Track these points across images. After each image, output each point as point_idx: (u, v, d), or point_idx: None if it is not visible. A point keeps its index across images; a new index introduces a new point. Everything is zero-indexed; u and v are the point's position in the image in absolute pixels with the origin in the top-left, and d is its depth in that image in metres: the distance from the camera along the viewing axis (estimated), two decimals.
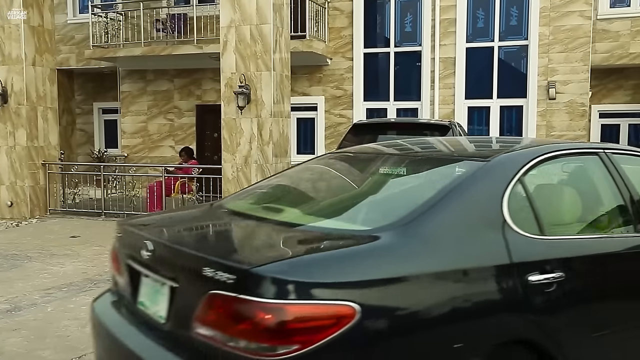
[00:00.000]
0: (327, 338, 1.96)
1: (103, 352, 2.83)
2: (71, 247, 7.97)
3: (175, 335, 2.36)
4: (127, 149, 14.75)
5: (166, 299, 2.44)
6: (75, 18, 15.24)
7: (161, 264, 2.52)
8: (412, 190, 2.88)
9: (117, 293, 2.97)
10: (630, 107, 13.17)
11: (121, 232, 3.02)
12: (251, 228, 2.78)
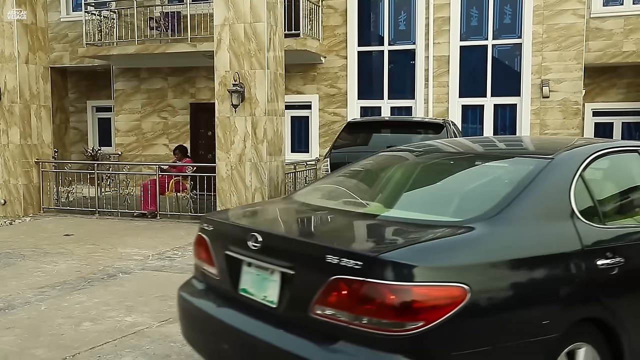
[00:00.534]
0: (446, 315, 2.24)
1: (203, 335, 3.11)
2: (65, 246, 7.95)
3: (288, 317, 2.61)
4: (120, 147, 14.71)
5: (277, 286, 2.68)
6: (68, 16, 15.19)
7: (271, 253, 2.73)
8: (489, 185, 3.18)
9: (205, 281, 3.24)
10: (624, 105, 13.25)
11: (214, 225, 3.23)
12: (351, 221, 3.07)
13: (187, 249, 7.81)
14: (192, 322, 3.26)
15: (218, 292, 3.10)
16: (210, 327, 3.02)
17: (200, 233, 3.29)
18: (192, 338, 3.28)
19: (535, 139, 5.96)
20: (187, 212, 10.48)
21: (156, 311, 5.09)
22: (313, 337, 2.46)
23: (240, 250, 2.90)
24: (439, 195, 3.25)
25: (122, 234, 8.85)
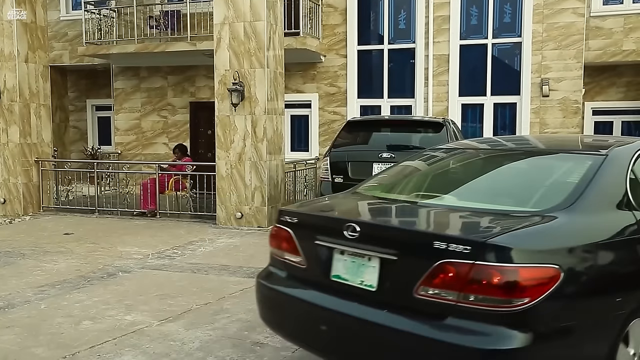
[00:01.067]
0: (545, 293, 2.53)
1: (291, 318, 3.38)
2: (64, 245, 7.95)
3: (389, 299, 2.88)
4: (120, 146, 14.71)
5: (376, 271, 2.92)
6: (68, 15, 15.17)
7: (370, 241, 2.96)
8: (556, 178, 3.52)
9: (287, 270, 3.49)
10: (623, 104, 13.24)
11: (299, 217, 3.46)
12: (439, 212, 3.35)
13: (187, 247, 7.81)
14: (276, 306, 3.53)
15: (305, 278, 3.35)
16: (301, 311, 3.29)
17: (280, 225, 3.53)
18: (275, 321, 3.57)
19: (570, 137, 6.62)
20: (186, 211, 10.48)
21: (156, 310, 5.10)
22: (418, 316, 2.73)
23: (332, 240, 3.14)
24: (511, 188, 3.56)
25: (121, 233, 8.85)
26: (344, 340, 3.04)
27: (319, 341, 3.21)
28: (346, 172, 7.57)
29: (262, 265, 6.70)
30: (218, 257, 7.28)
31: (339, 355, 3.14)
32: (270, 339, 4.39)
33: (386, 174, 4.27)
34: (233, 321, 4.80)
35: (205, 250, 7.70)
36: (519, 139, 4.84)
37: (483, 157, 4.15)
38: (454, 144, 4.63)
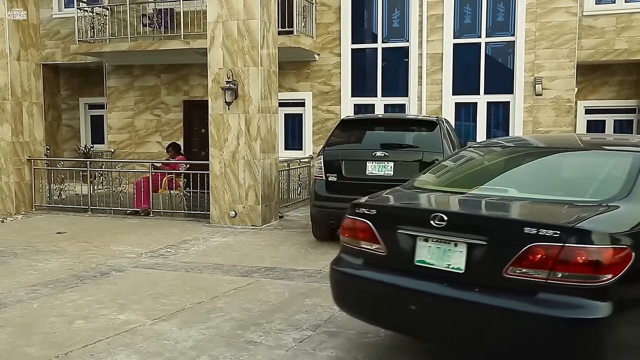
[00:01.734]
0: (623, 270, 2.92)
1: (372, 300, 3.69)
2: (57, 244, 7.92)
3: (477, 279, 3.24)
4: (113, 144, 14.66)
5: (463, 255, 3.28)
6: (60, 12, 15.09)
7: (457, 229, 3.32)
8: (605, 172, 3.89)
9: (364, 257, 3.78)
10: (616, 103, 13.31)
11: (378, 209, 3.78)
12: (514, 202, 3.65)
13: (181, 246, 7.80)
14: (353, 290, 3.85)
15: (385, 264, 3.67)
16: (384, 293, 3.61)
17: (356, 217, 3.82)
18: (351, 303, 3.92)
19: (605, 136, 7.28)
20: (180, 209, 10.46)
21: (149, 309, 5.08)
22: (509, 293, 3.08)
23: (416, 229, 3.50)
24: (564, 181, 3.99)
25: (114, 232, 8.82)
26: (433, 317, 3.40)
27: (405, 320, 3.54)
28: (340, 170, 7.57)
29: (256, 264, 6.74)
30: (212, 256, 7.27)
31: (427, 331, 3.51)
32: (263, 338, 4.39)
33: (435, 171, 4.61)
34: (226, 320, 4.80)
35: (198, 249, 7.69)
36: (571, 137, 5.34)
37: (527, 153, 4.56)
38: (489, 142, 5.08)
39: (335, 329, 4.58)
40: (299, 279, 6.11)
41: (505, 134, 12.13)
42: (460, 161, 4.67)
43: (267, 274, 6.32)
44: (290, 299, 5.41)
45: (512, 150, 4.67)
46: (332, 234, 8.10)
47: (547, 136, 7.70)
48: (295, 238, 8.36)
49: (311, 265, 6.70)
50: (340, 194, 7.51)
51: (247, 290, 5.69)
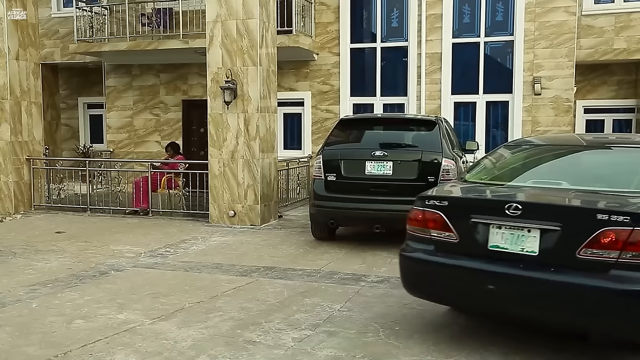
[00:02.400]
0: None
1: (450, 282, 4.10)
2: (56, 243, 7.92)
3: (550, 260, 3.71)
4: (112, 144, 14.64)
5: (536, 240, 3.75)
6: (59, 12, 15.07)
7: (531, 216, 3.78)
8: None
9: (434, 244, 4.18)
10: (615, 102, 13.31)
11: (450, 201, 4.23)
12: (574, 193, 4.06)
13: (180, 246, 7.79)
14: (425, 274, 4.27)
15: (457, 250, 4.08)
16: (461, 275, 4.03)
17: (426, 209, 4.24)
18: (424, 287, 4.35)
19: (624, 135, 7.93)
20: (179, 209, 10.46)
21: (148, 308, 5.08)
22: (582, 271, 3.57)
23: (490, 217, 3.94)
24: (607, 174, 4.38)
25: (114, 232, 8.82)
26: (510, 295, 3.83)
27: (482, 299, 3.96)
28: (339, 170, 7.57)
29: (255, 263, 6.74)
30: (211, 255, 7.27)
31: (503, 308, 3.95)
32: (262, 337, 4.39)
33: (482, 168, 4.98)
34: (225, 319, 4.80)
35: (198, 248, 7.69)
36: (602, 135, 6.12)
37: (564, 150, 5.06)
38: (523, 140, 5.68)
39: (334, 329, 4.59)
40: (298, 279, 6.12)
41: (505, 134, 12.14)
42: (502, 159, 5.11)
43: (266, 274, 6.32)
44: (289, 298, 5.41)
45: (549, 148, 5.21)
46: (331, 233, 8.11)
47: (575, 135, 8.44)
48: (294, 237, 8.36)
49: (310, 265, 6.71)
50: (339, 193, 7.52)
51: (246, 290, 5.69)
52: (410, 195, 7.32)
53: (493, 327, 4.63)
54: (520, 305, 3.83)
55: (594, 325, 3.66)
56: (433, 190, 4.57)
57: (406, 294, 5.48)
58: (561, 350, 4.16)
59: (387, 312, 5.01)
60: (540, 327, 4.34)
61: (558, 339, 4.30)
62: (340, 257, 7.16)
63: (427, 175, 7.27)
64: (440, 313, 4.96)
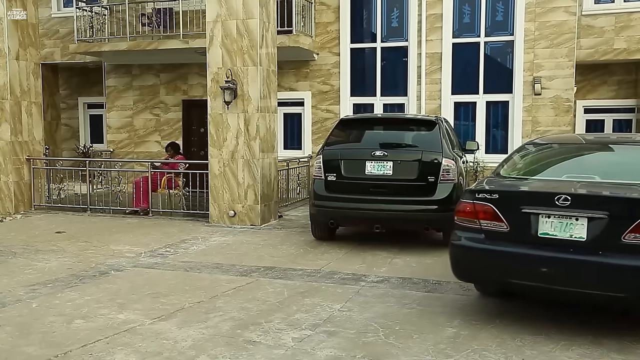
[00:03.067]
0: None
1: (503, 267, 4.55)
2: (56, 243, 7.92)
3: (598, 245, 4.19)
4: (112, 144, 14.65)
5: (584, 227, 4.23)
6: (59, 12, 15.07)
7: (580, 206, 4.27)
8: None
9: (484, 233, 4.62)
10: (615, 102, 13.31)
11: (500, 194, 4.63)
12: (611, 185, 4.56)
13: (180, 246, 7.80)
14: (479, 260, 4.70)
15: (508, 238, 4.52)
16: (514, 260, 4.50)
17: (476, 201, 4.68)
18: (475, 272, 4.83)
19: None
20: (179, 209, 10.46)
21: (148, 308, 5.08)
22: (627, 253, 4.10)
23: (539, 208, 4.40)
24: (636, 169, 4.82)
25: (114, 231, 8.82)
26: (562, 276, 4.29)
27: (534, 281, 4.42)
28: (339, 170, 7.57)
29: (255, 263, 6.74)
30: (211, 255, 7.27)
31: (554, 289, 4.40)
32: (262, 337, 4.39)
33: (513, 164, 5.38)
34: (226, 319, 4.80)
35: (198, 248, 7.69)
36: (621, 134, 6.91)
37: (588, 148, 5.70)
38: (548, 139, 6.29)
39: (334, 329, 4.59)
40: (298, 279, 6.12)
41: (505, 134, 12.14)
42: (529, 156, 5.57)
43: (267, 274, 6.32)
44: (289, 298, 5.41)
45: (572, 146, 5.82)
46: (332, 233, 8.11)
47: (594, 134, 9.51)
48: (295, 237, 8.36)
49: (310, 265, 6.71)
50: (339, 193, 7.52)
51: (246, 290, 5.69)
52: (410, 195, 7.41)
53: (492, 328, 4.63)
54: (570, 284, 4.31)
55: (636, 299, 4.22)
56: (480, 184, 5.03)
57: (406, 293, 5.48)
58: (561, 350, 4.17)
59: (387, 312, 5.01)
60: (585, 303, 4.88)
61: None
62: (340, 257, 7.16)
63: (427, 175, 7.27)
64: (440, 313, 4.97)
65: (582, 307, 4.99)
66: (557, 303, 5.08)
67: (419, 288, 5.76)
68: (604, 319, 4.81)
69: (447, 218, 7.31)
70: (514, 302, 5.25)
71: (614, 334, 4.46)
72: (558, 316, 4.87)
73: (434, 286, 5.84)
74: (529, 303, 5.22)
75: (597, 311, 4.92)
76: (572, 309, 5.00)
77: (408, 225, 7.75)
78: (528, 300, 5.29)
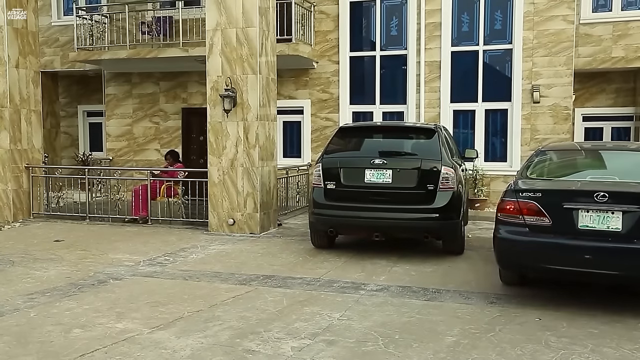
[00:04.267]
0: None
1: (548, 256, 5.27)
2: (55, 252, 7.90)
3: (633, 234, 5.00)
4: (112, 152, 14.65)
5: (619, 219, 5.03)
6: (59, 20, 15.12)
7: (617, 201, 5.04)
8: None
9: (528, 227, 5.35)
10: (613, 110, 13.33)
11: (542, 193, 5.42)
12: (634, 184, 5.40)
13: (179, 254, 7.78)
14: (523, 250, 5.38)
15: (550, 230, 5.27)
16: (557, 249, 5.22)
17: (519, 199, 5.40)
18: (519, 261, 5.54)
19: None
20: (178, 217, 10.45)
21: (147, 317, 5.06)
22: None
23: (579, 203, 5.17)
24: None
25: (113, 240, 8.80)
26: (603, 262, 5.07)
27: (578, 267, 5.14)
28: (338, 178, 7.57)
29: (255, 272, 6.73)
30: (210, 263, 7.25)
31: (594, 273, 5.15)
32: (262, 347, 4.37)
33: (535, 166, 6.18)
34: (225, 328, 4.78)
35: (197, 257, 7.67)
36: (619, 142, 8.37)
37: (600, 152, 6.61)
38: (564, 145, 8.02)
39: (333, 338, 4.57)
40: (297, 287, 6.10)
41: (504, 142, 12.16)
42: (548, 160, 6.38)
43: (266, 282, 6.31)
44: (288, 307, 5.39)
45: (585, 151, 6.74)
46: (331, 241, 8.10)
47: (595, 142, 10.80)
48: (294, 246, 8.34)
49: (310, 273, 6.69)
50: (338, 201, 7.51)
51: (246, 299, 5.67)
52: (409, 203, 7.40)
53: (492, 336, 4.62)
54: (608, 268, 5.09)
55: None
56: (519, 184, 5.70)
57: (405, 302, 5.48)
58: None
59: (386, 320, 5.00)
60: (623, 286, 5.75)
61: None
62: (340, 265, 7.14)
63: (426, 184, 7.27)
64: (439, 322, 4.95)
65: (588, 302, 5.08)
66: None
67: (418, 297, 5.75)
68: (606, 319, 4.80)
69: (447, 226, 7.38)
70: (513, 311, 5.24)
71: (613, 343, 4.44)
72: (557, 325, 4.86)
73: (433, 295, 5.82)
74: (529, 311, 5.22)
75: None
76: (569, 314, 4.99)
77: (407, 233, 7.74)
78: (528, 309, 5.29)
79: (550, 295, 5.78)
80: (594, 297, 5.67)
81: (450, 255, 7.62)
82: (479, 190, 11.76)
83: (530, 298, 5.68)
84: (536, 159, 6.38)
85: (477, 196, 11.69)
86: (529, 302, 5.55)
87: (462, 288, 6.06)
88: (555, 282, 6.14)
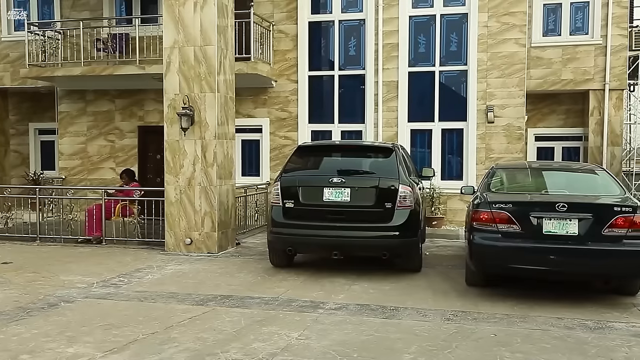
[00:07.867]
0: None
1: (520, 256, 6.20)
2: (2, 274, 7.58)
3: (586, 237, 6.01)
4: (65, 170, 14.26)
5: (575, 225, 6.02)
6: (10, 35, 14.71)
7: (573, 210, 6.03)
8: (604, 182, 7.05)
9: (501, 233, 6.23)
10: (563, 130, 13.81)
11: (513, 204, 6.34)
12: (581, 197, 6.64)
13: (134, 275, 7.59)
14: (496, 253, 6.23)
15: (519, 236, 6.18)
16: (528, 251, 6.12)
17: (494, 209, 6.29)
18: (493, 263, 6.36)
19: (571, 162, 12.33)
20: (134, 237, 10.22)
21: (100, 341, 4.90)
22: (607, 242, 5.98)
23: (543, 212, 6.15)
24: (590, 186, 7.11)
25: (65, 261, 8.53)
26: (564, 261, 6.06)
27: (544, 265, 6.09)
28: (297, 196, 7.55)
29: (212, 292, 6.62)
30: (166, 284, 7.09)
31: (558, 270, 6.13)
32: None
33: (496, 183, 7.29)
34: (181, 350, 4.67)
35: (152, 277, 7.50)
36: (565, 162, 11.05)
37: (549, 170, 7.99)
38: (517, 164, 9.50)
39: (292, 357, 4.51)
40: (255, 307, 6.02)
41: (460, 160, 12.39)
42: (505, 177, 7.61)
43: (223, 302, 6.20)
44: (246, 327, 5.31)
45: (535, 169, 8.10)
46: (290, 260, 8.05)
47: (549, 162, 12.61)
48: (252, 265, 8.26)
49: (268, 293, 6.62)
50: (297, 220, 7.49)
51: (203, 319, 5.56)
52: (367, 221, 7.44)
53: (449, 353, 4.65)
54: (569, 266, 6.06)
55: (614, 273, 6.18)
56: (489, 197, 6.60)
57: (364, 320, 5.48)
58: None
59: (345, 339, 4.97)
60: (580, 280, 6.76)
61: None
62: (299, 284, 7.09)
63: (384, 202, 7.32)
64: (397, 339, 4.96)
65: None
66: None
67: (376, 315, 5.75)
68: (559, 333, 4.89)
69: (405, 244, 7.44)
70: (469, 328, 5.30)
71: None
72: (512, 341, 4.93)
73: (391, 312, 5.84)
74: (484, 328, 5.28)
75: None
76: (524, 330, 5.07)
77: (366, 251, 7.76)
78: (483, 325, 5.35)
79: (506, 312, 5.88)
80: (548, 312, 5.80)
81: (408, 273, 7.67)
82: (436, 208, 11.93)
83: (487, 314, 5.76)
84: (493, 177, 7.36)
85: (434, 214, 11.84)
86: (485, 318, 5.62)
87: (420, 305, 6.09)
88: (512, 296, 6.25)
